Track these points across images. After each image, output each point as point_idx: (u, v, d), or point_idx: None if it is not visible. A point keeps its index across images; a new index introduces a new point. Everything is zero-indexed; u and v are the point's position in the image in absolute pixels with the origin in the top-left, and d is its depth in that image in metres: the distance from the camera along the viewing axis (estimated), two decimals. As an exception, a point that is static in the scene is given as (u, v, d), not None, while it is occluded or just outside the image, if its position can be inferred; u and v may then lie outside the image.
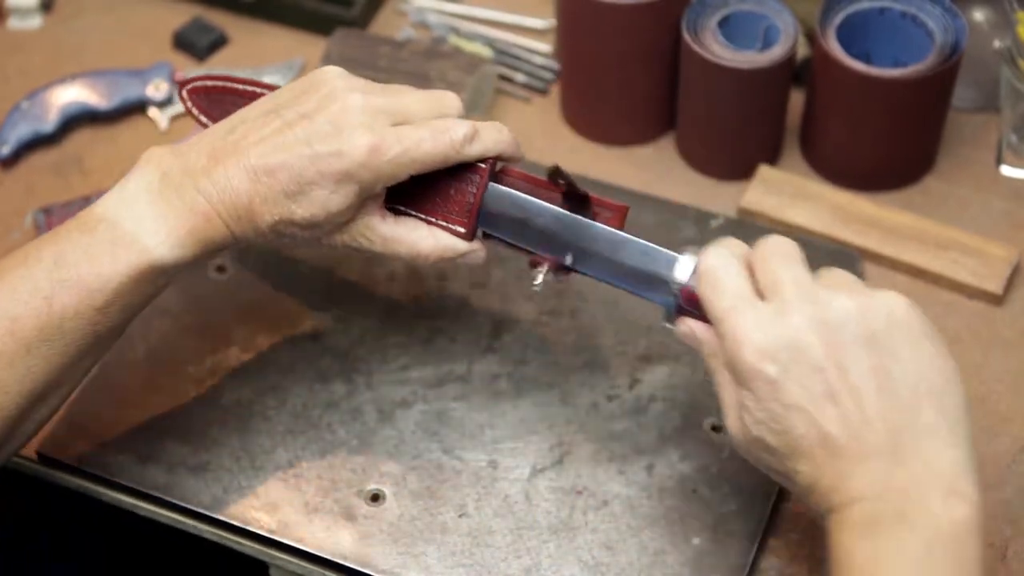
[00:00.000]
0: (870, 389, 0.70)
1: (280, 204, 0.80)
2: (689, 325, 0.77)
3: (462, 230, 0.84)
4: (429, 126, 0.82)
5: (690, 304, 0.77)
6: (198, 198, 0.80)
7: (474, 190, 0.84)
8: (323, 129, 0.80)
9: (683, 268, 0.77)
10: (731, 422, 0.74)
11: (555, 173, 0.83)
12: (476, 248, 0.85)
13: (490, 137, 0.83)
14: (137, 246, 0.79)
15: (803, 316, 0.70)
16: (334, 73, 0.84)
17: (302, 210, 0.80)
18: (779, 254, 0.73)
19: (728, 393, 0.74)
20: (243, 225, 0.81)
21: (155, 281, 0.81)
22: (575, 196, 0.85)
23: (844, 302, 0.71)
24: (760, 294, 0.73)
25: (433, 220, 0.84)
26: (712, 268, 0.74)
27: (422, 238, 0.84)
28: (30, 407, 0.79)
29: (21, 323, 0.77)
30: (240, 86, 0.88)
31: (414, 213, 0.85)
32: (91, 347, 0.80)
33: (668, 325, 0.79)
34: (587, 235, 0.82)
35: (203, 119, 0.88)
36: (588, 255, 0.82)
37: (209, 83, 0.88)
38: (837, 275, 0.74)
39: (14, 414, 0.78)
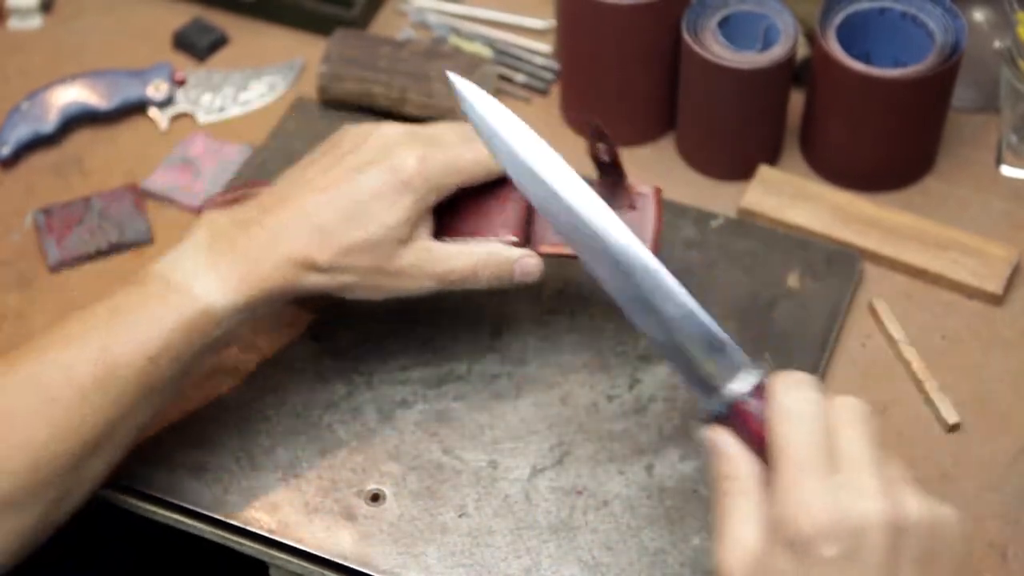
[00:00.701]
0: None
1: (338, 233, 0.82)
2: (725, 438, 0.69)
3: (514, 239, 0.86)
4: (465, 142, 0.86)
5: (736, 419, 0.69)
6: (250, 244, 0.82)
7: (518, 197, 0.87)
8: (370, 155, 0.84)
9: (745, 381, 0.69)
10: (733, 555, 0.66)
11: (597, 133, 0.84)
12: (530, 253, 0.87)
13: None
14: (188, 295, 0.81)
15: (879, 510, 0.63)
16: (357, 125, 0.88)
17: (362, 231, 0.82)
18: (863, 426, 0.67)
19: (743, 528, 0.66)
20: (297, 269, 0.83)
21: (207, 331, 0.82)
22: (612, 167, 0.85)
23: (917, 508, 0.64)
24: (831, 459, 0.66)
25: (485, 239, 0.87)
26: (798, 412, 0.66)
27: (477, 247, 0.86)
28: (85, 457, 0.79)
29: (77, 371, 0.78)
30: (258, 188, 0.91)
31: (465, 239, 0.88)
32: (144, 399, 0.80)
33: (701, 424, 0.71)
34: (657, 287, 0.72)
35: None
36: (646, 306, 0.72)
37: (229, 196, 0.90)
38: (895, 463, 0.67)
39: (69, 463, 0.78)
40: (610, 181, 0.88)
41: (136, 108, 1.12)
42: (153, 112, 1.12)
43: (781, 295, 0.97)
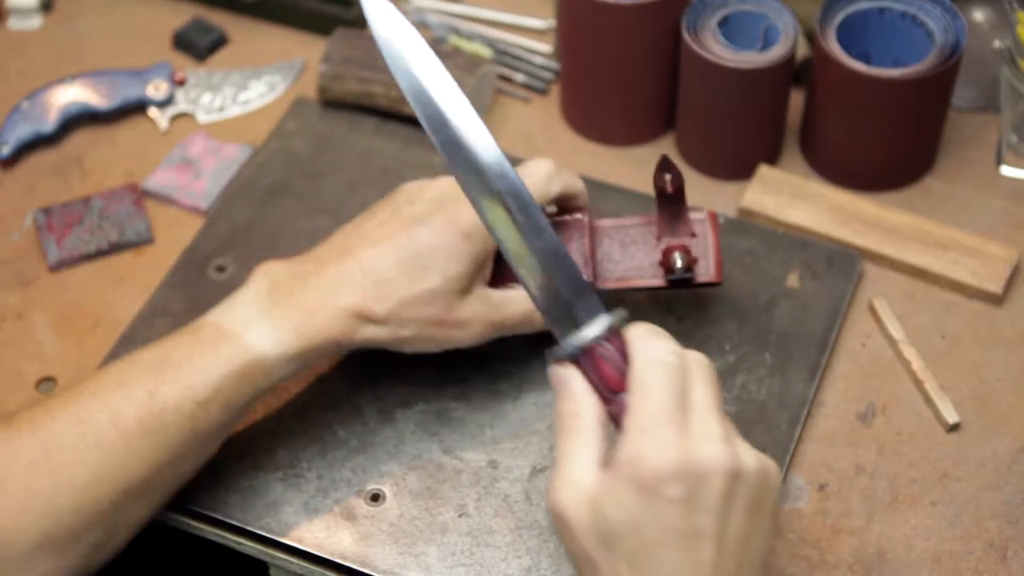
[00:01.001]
0: (731, 550, 0.68)
1: (397, 285, 0.83)
2: (573, 376, 0.71)
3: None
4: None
5: (587, 361, 0.71)
6: (306, 294, 0.83)
7: (577, 237, 0.89)
8: (428, 208, 0.84)
9: (599, 325, 0.71)
10: (566, 491, 0.68)
11: (665, 165, 0.85)
12: None
13: (565, 177, 0.88)
14: (239, 342, 0.81)
15: (723, 458, 0.68)
16: (412, 181, 0.89)
17: (422, 283, 0.83)
18: (711, 379, 0.71)
19: (580, 466, 0.68)
20: (354, 321, 0.83)
21: (256, 380, 0.82)
22: (674, 198, 0.87)
23: (751, 461, 0.69)
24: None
25: None
26: (662, 361, 0.69)
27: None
28: (124, 503, 0.79)
29: (122, 415, 0.78)
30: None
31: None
32: (189, 446, 0.80)
33: (549, 359, 0.72)
34: (527, 220, 0.73)
35: None
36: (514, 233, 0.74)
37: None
38: (728, 418, 0.71)
39: (107, 508, 0.78)
40: (669, 211, 0.89)
41: (136, 108, 1.12)
42: (153, 112, 1.12)
43: (781, 295, 0.97)
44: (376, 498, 0.87)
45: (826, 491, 0.88)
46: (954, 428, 0.91)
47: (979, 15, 1.10)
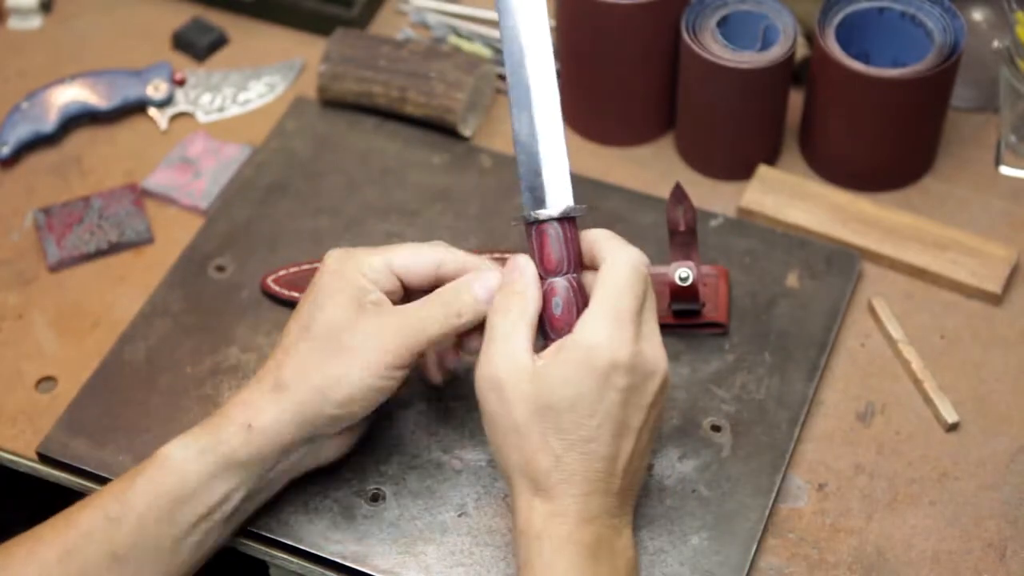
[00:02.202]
0: (643, 444, 0.79)
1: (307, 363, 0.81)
2: (531, 264, 0.79)
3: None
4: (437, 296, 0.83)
5: (536, 234, 0.79)
6: (223, 407, 0.82)
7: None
8: (306, 308, 0.83)
9: (556, 208, 0.80)
10: (504, 364, 0.76)
11: (678, 196, 0.88)
12: None
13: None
14: (159, 454, 0.80)
15: (663, 362, 0.78)
16: (329, 258, 0.84)
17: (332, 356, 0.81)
18: (647, 287, 0.79)
19: (518, 345, 0.77)
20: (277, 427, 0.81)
21: (172, 490, 0.79)
22: (686, 233, 0.89)
23: (662, 364, 0.79)
24: None
25: None
26: (638, 266, 0.78)
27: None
28: None
29: (44, 542, 0.78)
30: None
31: None
32: (113, 568, 0.78)
33: (514, 223, 0.81)
34: (541, 100, 0.82)
35: (295, 294, 0.96)
36: (527, 109, 0.82)
37: (293, 270, 0.97)
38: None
39: None
40: (681, 247, 0.90)
41: (136, 108, 1.12)
42: (153, 112, 1.12)
43: (781, 294, 0.97)
44: (376, 498, 0.87)
45: (825, 491, 0.88)
46: (953, 428, 0.91)
47: (978, 15, 1.10)
